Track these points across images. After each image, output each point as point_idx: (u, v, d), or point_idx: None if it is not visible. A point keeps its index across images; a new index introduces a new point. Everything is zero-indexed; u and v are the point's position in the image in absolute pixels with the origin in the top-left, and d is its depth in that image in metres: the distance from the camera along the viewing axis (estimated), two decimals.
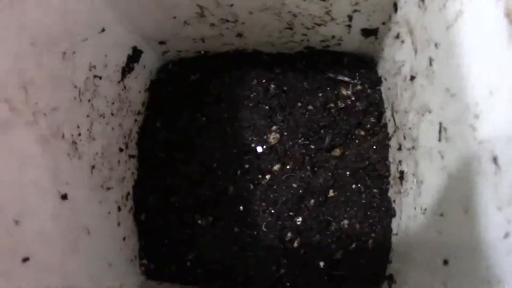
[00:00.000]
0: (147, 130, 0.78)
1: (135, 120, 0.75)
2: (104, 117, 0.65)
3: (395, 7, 0.58)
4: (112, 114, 0.67)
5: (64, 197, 0.52)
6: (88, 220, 0.58)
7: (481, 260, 0.38)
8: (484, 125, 0.38)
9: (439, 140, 0.48)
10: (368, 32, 0.67)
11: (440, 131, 0.48)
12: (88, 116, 0.60)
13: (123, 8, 0.64)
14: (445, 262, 0.46)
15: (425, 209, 0.55)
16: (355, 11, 0.61)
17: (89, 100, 0.61)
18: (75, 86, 0.57)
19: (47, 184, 0.49)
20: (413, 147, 0.59)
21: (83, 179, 0.58)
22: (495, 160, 0.36)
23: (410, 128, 0.60)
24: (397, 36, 0.60)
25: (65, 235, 0.52)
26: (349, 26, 0.65)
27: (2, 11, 0.44)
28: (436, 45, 0.47)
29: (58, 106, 0.53)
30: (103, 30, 0.63)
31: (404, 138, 0.63)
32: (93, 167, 0.61)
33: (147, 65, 0.77)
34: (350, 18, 0.63)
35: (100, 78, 0.63)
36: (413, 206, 0.60)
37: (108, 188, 0.65)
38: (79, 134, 0.58)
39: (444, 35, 0.44)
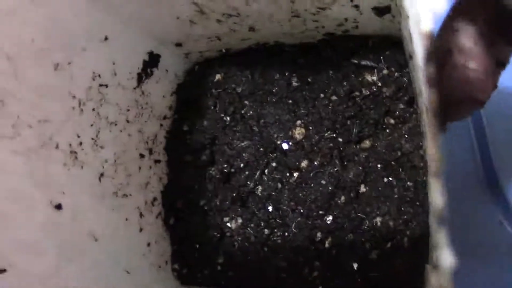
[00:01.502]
0: (175, 134, 0.78)
1: (161, 125, 0.76)
2: (116, 124, 0.65)
3: None
4: (127, 121, 0.68)
5: (59, 207, 0.53)
6: (94, 228, 0.58)
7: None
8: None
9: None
10: (381, 11, 0.61)
11: (427, 116, 0.42)
12: (92, 125, 0.61)
13: (126, 14, 0.64)
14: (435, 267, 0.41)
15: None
16: None
17: (93, 109, 0.61)
18: (74, 97, 0.58)
19: (34, 195, 0.50)
20: (425, 133, 0.53)
21: (86, 187, 0.59)
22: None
23: (421, 113, 0.53)
24: (400, 11, 0.54)
25: (61, 244, 0.53)
26: (356, 6, 0.60)
27: None
28: (407, 16, 0.41)
29: (49, 117, 0.54)
30: (106, 38, 0.63)
31: (423, 124, 0.57)
32: (101, 175, 0.62)
33: (170, 68, 0.76)
34: None
35: (107, 86, 0.63)
36: (430, 200, 0.53)
37: (125, 195, 0.65)
38: (80, 144, 0.58)
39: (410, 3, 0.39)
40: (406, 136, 0.67)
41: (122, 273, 0.62)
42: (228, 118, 0.76)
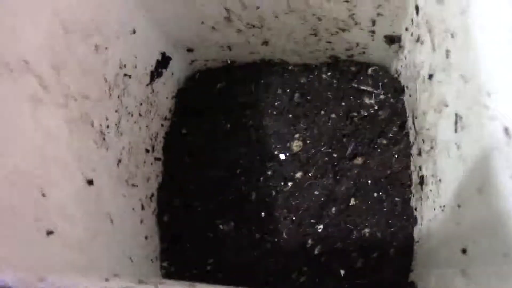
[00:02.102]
0: (173, 135, 0.80)
1: (162, 125, 0.78)
2: (132, 115, 0.67)
3: (417, 9, 0.59)
4: (140, 114, 0.69)
5: (90, 182, 0.54)
6: (112, 210, 0.59)
7: (498, 235, 0.37)
8: (495, 101, 0.39)
9: (455, 131, 0.49)
10: (392, 39, 0.68)
11: (456, 122, 0.49)
12: (116, 111, 0.62)
13: (154, 11, 0.67)
14: (464, 251, 0.46)
15: (444, 206, 0.54)
16: (379, 14, 0.62)
17: (118, 96, 0.63)
18: (106, 80, 0.60)
19: (72, 165, 0.51)
20: (432, 148, 0.59)
21: (109, 170, 0.60)
22: (506, 130, 0.36)
23: (428, 129, 0.60)
24: (418, 39, 0.61)
25: (88, 218, 0.53)
26: (373, 32, 0.67)
27: None
28: (452, 35, 0.48)
29: (88, 94, 0.55)
30: (134, 31, 0.66)
31: (423, 141, 0.63)
32: (119, 161, 0.63)
33: (175, 72, 0.79)
34: (374, 22, 0.64)
35: (130, 76, 0.65)
36: (433, 208, 0.59)
37: (133, 185, 0.66)
38: (107, 126, 0.60)
39: (459, 22, 0.46)
40: (396, 156, 0.74)
41: (127, 260, 0.62)
42: (229, 126, 0.79)
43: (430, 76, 0.57)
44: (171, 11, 0.67)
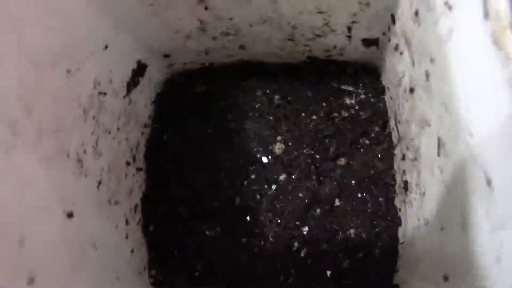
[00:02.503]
0: (155, 142, 0.79)
1: (142, 133, 0.76)
2: (110, 132, 0.66)
3: (393, 18, 0.58)
4: (118, 129, 0.68)
5: (70, 215, 0.53)
6: (95, 236, 0.59)
7: (475, 282, 0.38)
8: (477, 143, 0.38)
9: (438, 154, 0.48)
10: (369, 42, 0.67)
11: (438, 146, 0.48)
12: (93, 133, 0.61)
13: (126, 24, 0.65)
14: (446, 278, 0.46)
15: (427, 221, 0.55)
16: (354, 22, 0.61)
17: (94, 117, 0.62)
18: (80, 104, 0.58)
19: (52, 204, 0.50)
20: (416, 158, 0.59)
21: (89, 196, 0.59)
22: (489, 182, 0.35)
23: (412, 139, 0.60)
24: (396, 48, 0.60)
25: (71, 253, 0.53)
26: (349, 36, 0.66)
27: (2, 34, 0.45)
28: (431, 60, 0.47)
29: (62, 124, 0.54)
30: (106, 47, 0.64)
31: (407, 148, 0.63)
32: (99, 183, 0.62)
33: (152, 78, 0.78)
34: (349, 29, 0.63)
35: (105, 94, 0.64)
36: (417, 217, 0.60)
37: (116, 202, 0.66)
38: (84, 152, 0.59)
39: (438, 51, 0.44)
40: (379, 156, 0.74)
41: (114, 280, 0.62)
42: (210, 130, 0.78)
43: (412, 90, 0.57)
44: (142, 22, 0.66)
